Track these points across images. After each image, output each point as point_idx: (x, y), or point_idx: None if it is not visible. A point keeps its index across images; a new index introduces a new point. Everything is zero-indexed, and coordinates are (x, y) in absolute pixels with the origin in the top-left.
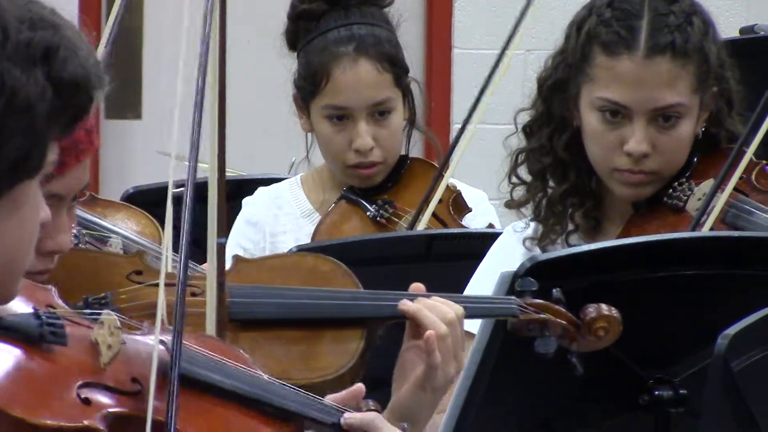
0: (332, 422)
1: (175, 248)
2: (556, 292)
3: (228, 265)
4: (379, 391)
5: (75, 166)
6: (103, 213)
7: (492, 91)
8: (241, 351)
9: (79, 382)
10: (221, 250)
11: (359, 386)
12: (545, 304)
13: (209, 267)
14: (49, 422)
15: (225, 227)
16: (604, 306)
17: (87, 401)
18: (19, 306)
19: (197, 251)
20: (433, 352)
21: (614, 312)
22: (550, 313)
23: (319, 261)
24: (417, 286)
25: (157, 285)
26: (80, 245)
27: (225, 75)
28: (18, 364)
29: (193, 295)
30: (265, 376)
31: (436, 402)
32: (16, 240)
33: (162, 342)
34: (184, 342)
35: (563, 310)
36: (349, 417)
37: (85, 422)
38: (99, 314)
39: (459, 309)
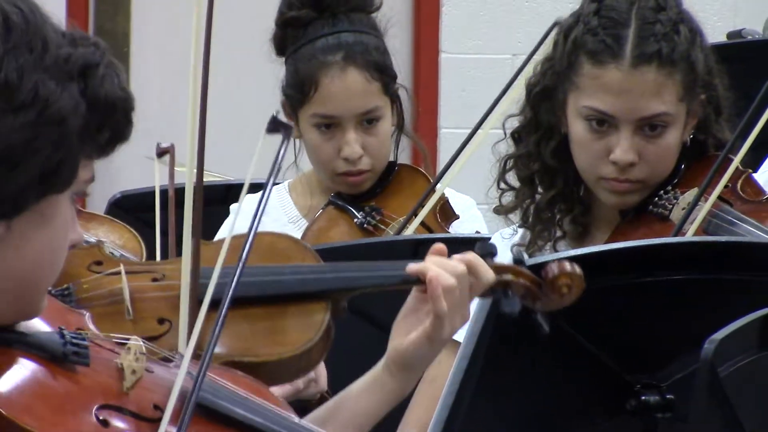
0: None
1: (164, 254)
2: (516, 252)
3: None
4: None
5: None
6: (85, 226)
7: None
8: (273, 393)
9: (99, 404)
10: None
11: None
12: (506, 265)
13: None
14: None
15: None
16: (566, 263)
17: (105, 423)
18: (46, 327)
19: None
20: (439, 299)
21: (577, 268)
22: (511, 274)
23: (276, 238)
24: (439, 248)
25: (117, 273)
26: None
27: (207, 78)
28: (37, 380)
29: (155, 280)
30: (296, 418)
31: (436, 354)
32: (42, 255)
33: (190, 373)
34: (214, 376)
35: (524, 270)
36: None
37: None
38: (127, 339)
39: (467, 260)
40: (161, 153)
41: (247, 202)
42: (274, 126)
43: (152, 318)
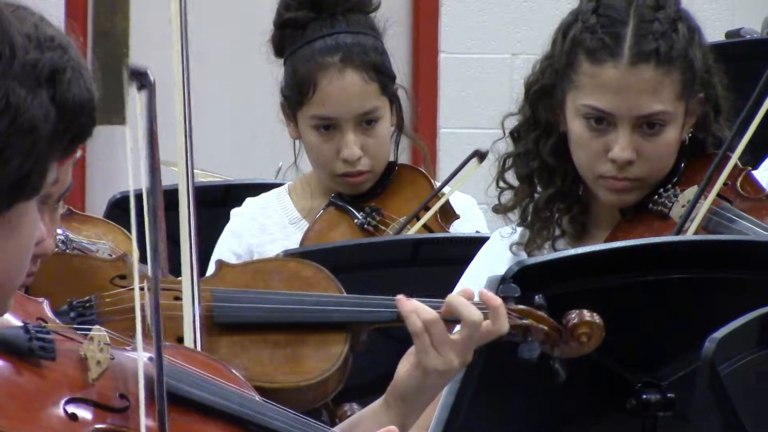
0: None
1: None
2: (538, 298)
3: (212, 270)
4: (367, 397)
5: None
6: (79, 228)
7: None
8: (233, 370)
9: (67, 398)
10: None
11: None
12: (528, 309)
13: (183, 272)
14: None
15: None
16: (586, 312)
17: (74, 417)
18: (9, 319)
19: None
20: (409, 315)
21: (596, 318)
22: (532, 319)
23: (301, 266)
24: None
25: (141, 289)
26: (67, 251)
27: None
28: (5, 378)
29: (177, 299)
30: (256, 396)
31: (434, 389)
32: (11, 259)
33: (150, 358)
34: (171, 358)
35: (545, 315)
36: None
37: None
38: (89, 329)
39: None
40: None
41: (248, 204)
42: (135, 75)
43: (172, 336)
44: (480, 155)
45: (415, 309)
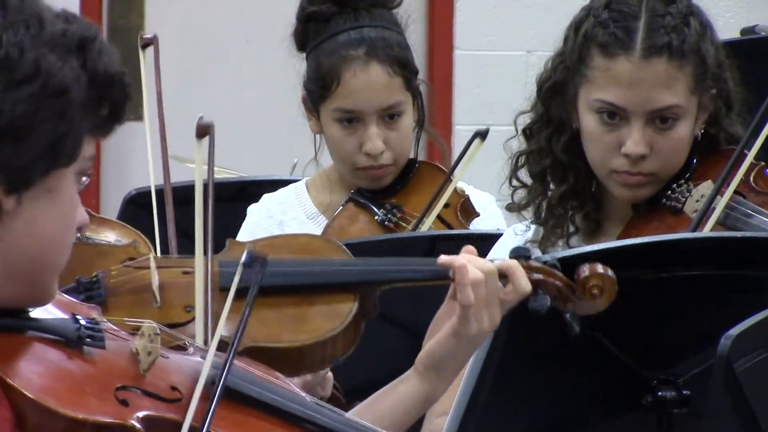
0: None
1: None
2: (551, 258)
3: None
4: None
5: None
6: (96, 230)
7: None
8: (283, 377)
9: (118, 385)
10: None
11: None
12: (538, 266)
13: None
14: (88, 417)
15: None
16: (598, 265)
17: (125, 402)
18: (59, 314)
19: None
20: (466, 287)
21: (609, 271)
22: (544, 274)
23: (311, 238)
24: (469, 248)
25: (147, 267)
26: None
27: None
28: (56, 363)
29: (186, 273)
30: (309, 398)
31: (465, 356)
32: (52, 233)
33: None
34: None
35: (557, 271)
36: None
37: (123, 420)
38: (141, 323)
39: (506, 265)
40: (145, 45)
41: (265, 200)
42: (251, 259)
43: (179, 306)
44: (481, 135)
45: (471, 259)
